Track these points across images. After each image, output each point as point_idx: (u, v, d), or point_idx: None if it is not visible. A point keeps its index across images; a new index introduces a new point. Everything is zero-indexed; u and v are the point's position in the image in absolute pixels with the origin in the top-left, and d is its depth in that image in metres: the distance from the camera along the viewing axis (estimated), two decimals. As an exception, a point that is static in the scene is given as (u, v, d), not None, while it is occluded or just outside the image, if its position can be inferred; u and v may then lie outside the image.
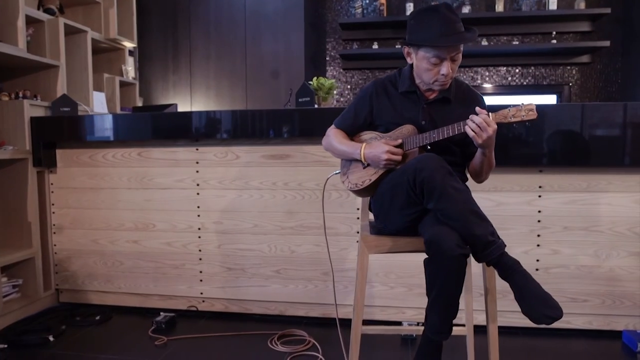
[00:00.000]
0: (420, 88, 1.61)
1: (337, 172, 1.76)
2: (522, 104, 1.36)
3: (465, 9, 4.39)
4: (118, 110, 3.63)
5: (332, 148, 1.70)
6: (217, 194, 2.60)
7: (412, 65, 1.61)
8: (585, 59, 4.42)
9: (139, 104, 4.10)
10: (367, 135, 1.65)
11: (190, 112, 2.59)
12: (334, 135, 1.70)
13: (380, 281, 2.45)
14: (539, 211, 2.31)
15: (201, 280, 2.65)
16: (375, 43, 4.57)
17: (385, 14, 4.54)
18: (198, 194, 2.62)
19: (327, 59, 4.89)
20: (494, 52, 4.42)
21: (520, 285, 1.29)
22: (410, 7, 4.49)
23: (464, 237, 1.32)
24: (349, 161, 1.66)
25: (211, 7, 4.47)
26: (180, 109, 4.53)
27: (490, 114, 1.39)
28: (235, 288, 2.62)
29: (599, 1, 4.38)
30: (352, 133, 1.70)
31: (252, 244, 2.57)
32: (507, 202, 2.32)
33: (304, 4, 4.27)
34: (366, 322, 2.35)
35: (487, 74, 4.66)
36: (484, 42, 4.43)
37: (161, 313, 2.57)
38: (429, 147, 1.51)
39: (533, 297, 1.28)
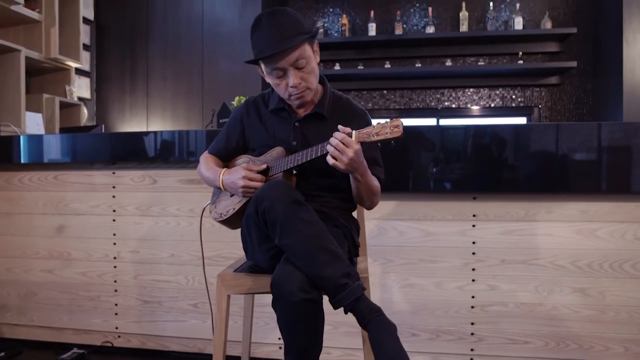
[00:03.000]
0: (291, 105, 1.43)
1: (209, 202, 1.57)
2: (388, 121, 1.18)
3: (430, 29, 4.26)
4: (57, 132, 3.49)
5: (201, 175, 1.53)
6: (134, 220, 2.42)
7: None
8: (554, 80, 4.27)
9: (89, 124, 3.97)
10: (241, 159, 1.48)
11: (107, 134, 2.45)
12: (204, 161, 1.52)
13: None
14: (474, 242, 2.10)
15: (116, 314, 2.45)
16: (337, 64, 4.44)
17: (347, 35, 4.42)
18: (114, 220, 2.44)
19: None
20: (459, 72, 4.28)
21: (375, 339, 1.08)
22: (372, 28, 4.37)
23: (313, 279, 1.12)
24: (218, 189, 1.48)
25: (169, 28, 4.38)
26: (136, 130, 4.41)
27: (354, 132, 1.21)
28: (152, 323, 2.41)
29: (567, 21, 4.24)
30: (225, 158, 1.53)
31: (169, 274, 2.38)
32: (438, 232, 2.12)
33: (263, 24, 4.16)
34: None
35: (453, 95, 4.50)
36: (449, 63, 4.29)
37: (74, 349, 2.37)
38: (294, 172, 1.32)
39: (384, 356, 1.06)
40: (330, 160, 1.21)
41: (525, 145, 2.02)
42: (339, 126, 1.21)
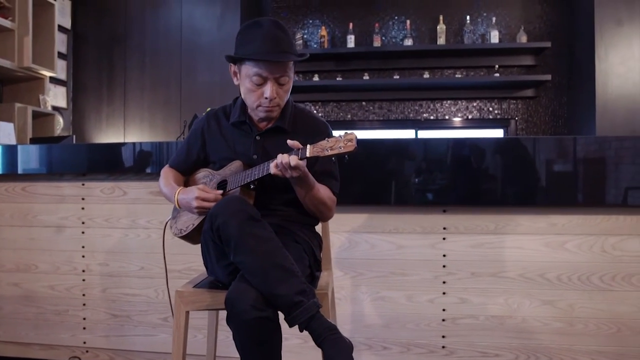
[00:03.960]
0: (252, 118, 1.42)
1: (170, 217, 1.55)
2: (342, 135, 1.17)
3: (408, 42, 4.30)
4: (28, 142, 3.44)
5: (160, 190, 1.51)
6: (104, 232, 2.38)
7: None
8: (530, 92, 4.33)
9: (65, 134, 3.91)
10: (201, 173, 1.46)
11: (77, 145, 2.41)
12: (164, 176, 1.51)
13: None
14: (444, 255, 2.11)
15: (84, 328, 2.40)
16: (316, 75, 4.45)
17: (326, 46, 4.44)
18: (83, 232, 2.40)
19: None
20: (438, 85, 4.33)
21: (328, 357, 1.07)
22: (351, 40, 4.39)
23: (267, 297, 1.10)
24: None
25: (147, 38, 4.36)
26: (113, 140, 4.36)
27: (308, 146, 1.20)
28: (121, 337, 2.36)
29: (541, 35, 4.32)
30: (186, 172, 1.51)
31: (139, 288, 2.34)
32: (408, 244, 2.12)
33: (241, 35, 4.17)
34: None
35: (432, 107, 4.54)
36: (427, 75, 4.32)
37: (39, 365, 2.31)
38: (252, 187, 1.30)
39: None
40: (272, 170, 1.22)
41: (495, 158, 2.04)
42: (288, 141, 1.21)
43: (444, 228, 2.10)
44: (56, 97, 4.06)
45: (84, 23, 4.46)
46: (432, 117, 4.51)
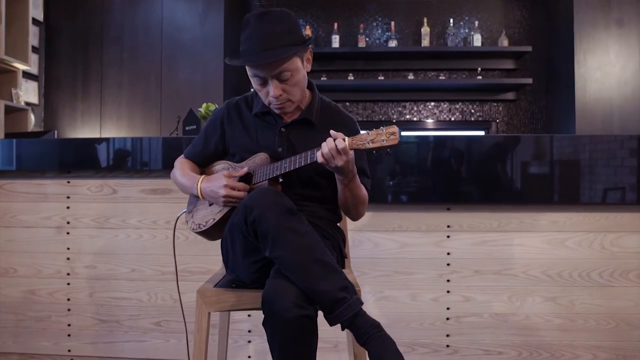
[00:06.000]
0: (277, 109, 1.36)
1: (185, 210, 1.47)
2: (383, 127, 1.13)
3: (392, 43, 4.31)
4: (2, 137, 3.23)
5: (175, 181, 1.42)
6: (90, 233, 2.25)
7: None
8: (510, 96, 4.42)
9: (37, 130, 3.71)
10: (220, 165, 1.39)
11: (60, 139, 2.28)
12: (179, 166, 1.42)
13: (274, 334, 2.14)
14: (448, 253, 2.09)
15: (69, 335, 2.25)
16: (301, 75, 4.39)
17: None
18: (68, 233, 2.26)
19: (251, 89, 4.67)
20: (421, 86, 4.36)
21: (376, 357, 1.02)
22: (336, 40, 4.37)
23: (308, 293, 1.04)
24: (195, 197, 1.38)
25: (125, 33, 4.20)
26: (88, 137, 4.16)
27: (347, 138, 1.15)
28: (110, 344, 2.23)
29: (522, 40, 4.42)
30: (203, 163, 1.43)
31: (129, 291, 2.22)
32: (412, 243, 2.09)
33: (224, 33, 4.08)
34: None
35: (415, 108, 4.57)
36: (411, 77, 4.35)
37: (19, 376, 2.15)
38: (281, 180, 1.24)
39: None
40: (320, 159, 1.15)
41: (499, 156, 2.04)
42: (332, 131, 1.15)
43: (448, 226, 2.09)
44: (27, 92, 3.85)
45: (57, 15, 4.25)
46: (414, 119, 4.53)
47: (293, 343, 1.04)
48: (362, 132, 1.17)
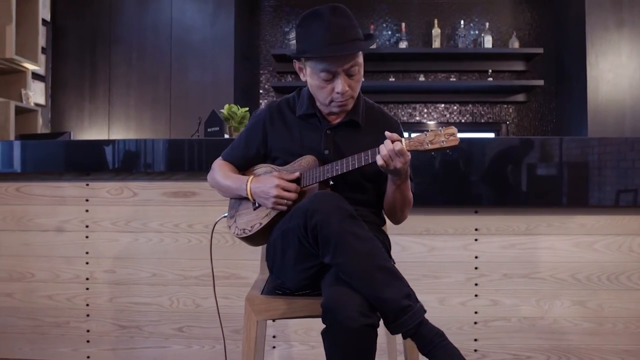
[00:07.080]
0: (322, 110, 1.33)
1: (226, 214, 1.43)
2: (441, 128, 1.10)
3: (403, 44, 4.29)
4: (12, 138, 3.18)
5: (216, 184, 1.39)
6: (110, 237, 2.20)
7: None
8: (521, 97, 4.41)
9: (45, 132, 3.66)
10: (262, 169, 1.35)
11: (80, 141, 2.23)
12: (218, 169, 1.39)
13: (299, 340, 2.10)
14: (476, 257, 2.07)
15: (88, 341, 2.21)
16: (311, 76, 4.36)
17: (321, 47, 4.36)
18: (87, 237, 2.22)
19: (261, 91, 4.64)
20: (431, 88, 4.34)
21: (442, 364, 0.99)
22: (347, 41, 4.34)
23: (371, 301, 1.01)
24: (237, 201, 1.35)
25: (134, 33, 4.15)
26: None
27: (403, 140, 1.12)
28: (130, 350, 2.19)
29: (533, 41, 4.41)
30: (243, 167, 1.40)
31: (150, 296, 2.17)
32: (441, 246, 2.07)
33: (235, 34, 4.04)
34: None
35: (425, 110, 4.55)
36: (422, 78, 4.33)
37: (36, 383, 2.10)
38: (331, 183, 1.21)
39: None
40: (379, 161, 1.13)
41: (528, 159, 2.02)
42: (387, 133, 1.12)
43: (476, 229, 2.07)
44: (34, 93, 3.79)
45: (64, 15, 4.19)
46: (424, 121, 4.52)
47: (356, 353, 1.00)
48: (417, 133, 1.15)
